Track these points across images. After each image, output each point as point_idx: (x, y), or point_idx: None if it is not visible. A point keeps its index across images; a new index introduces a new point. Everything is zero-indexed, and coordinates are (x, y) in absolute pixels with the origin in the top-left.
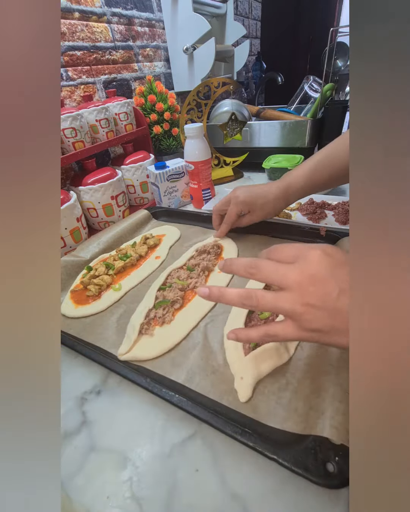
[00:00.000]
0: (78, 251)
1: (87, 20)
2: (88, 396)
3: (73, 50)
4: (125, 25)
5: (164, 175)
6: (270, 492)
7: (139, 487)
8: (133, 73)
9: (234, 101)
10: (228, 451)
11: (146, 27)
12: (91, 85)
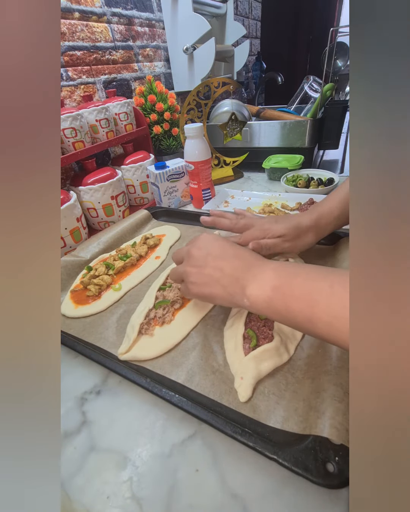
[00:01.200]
0: (78, 251)
1: (87, 20)
2: (88, 396)
3: (73, 50)
4: (125, 25)
5: (164, 175)
6: (270, 492)
7: (139, 487)
8: (133, 73)
9: (234, 101)
10: (228, 451)
11: (146, 27)
12: (91, 85)
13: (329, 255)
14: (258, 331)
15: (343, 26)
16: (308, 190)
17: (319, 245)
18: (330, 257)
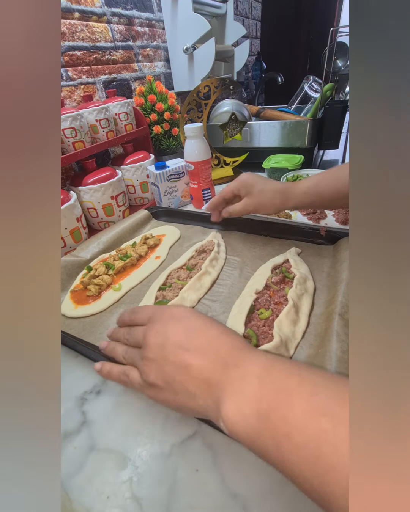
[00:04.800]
0: (78, 251)
1: (87, 20)
2: (88, 396)
3: (73, 50)
4: (125, 25)
5: (164, 175)
6: (269, 492)
7: (139, 487)
8: (133, 73)
9: (234, 101)
10: (228, 451)
11: (146, 27)
12: (91, 85)
13: (329, 255)
14: (258, 331)
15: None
16: None
17: (319, 245)
18: (330, 257)
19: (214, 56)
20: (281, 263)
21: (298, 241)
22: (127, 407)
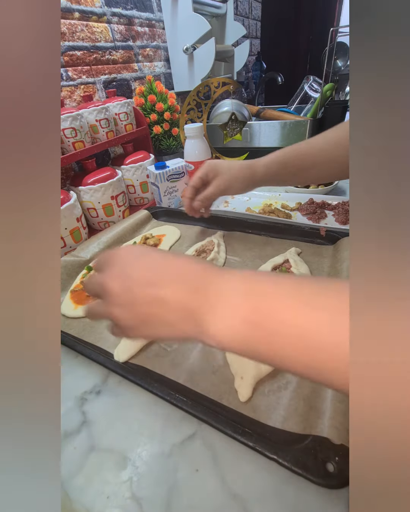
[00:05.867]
0: (78, 251)
1: (87, 20)
2: (88, 396)
3: (73, 50)
4: (125, 25)
5: (164, 175)
6: (270, 492)
7: (139, 487)
8: (133, 73)
9: (234, 101)
10: (228, 451)
11: (146, 27)
12: (91, 85)
13: (329, 255)
14: None
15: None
16: (308, 190)
17: (319, 245)
18: (330, 257)
19: (213, 56)
20: (281, 263)
21: (298, 241)
22: (127, 407)
